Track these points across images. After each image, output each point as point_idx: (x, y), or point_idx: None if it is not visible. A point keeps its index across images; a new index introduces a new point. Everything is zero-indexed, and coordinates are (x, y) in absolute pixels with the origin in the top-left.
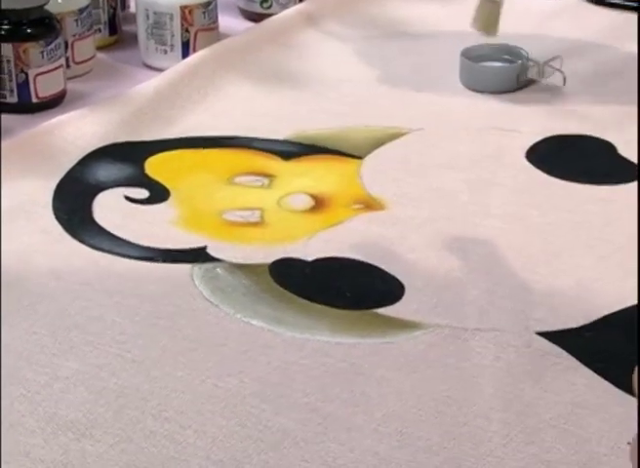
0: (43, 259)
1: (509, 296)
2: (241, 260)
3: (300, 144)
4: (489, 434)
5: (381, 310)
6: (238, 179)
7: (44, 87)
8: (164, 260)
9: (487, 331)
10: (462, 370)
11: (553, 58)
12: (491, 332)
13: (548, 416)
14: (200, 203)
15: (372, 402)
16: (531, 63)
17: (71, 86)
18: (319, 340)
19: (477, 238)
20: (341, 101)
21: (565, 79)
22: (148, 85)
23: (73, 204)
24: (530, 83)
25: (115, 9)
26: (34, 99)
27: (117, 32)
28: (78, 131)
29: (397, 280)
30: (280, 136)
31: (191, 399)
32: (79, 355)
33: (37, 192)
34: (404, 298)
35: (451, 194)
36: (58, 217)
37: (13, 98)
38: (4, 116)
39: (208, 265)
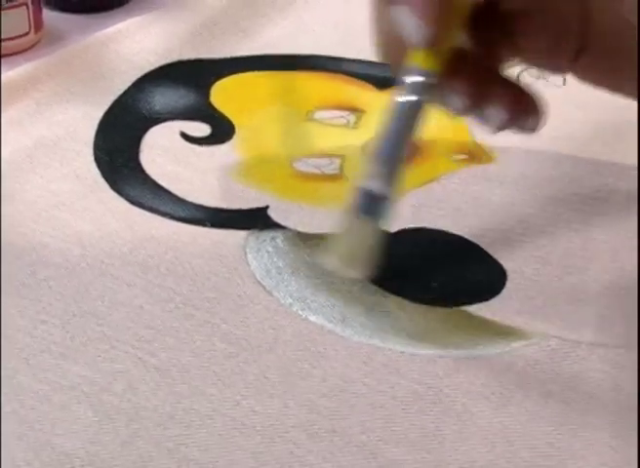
0: (69, 217)
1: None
2: (308, 228)
3: None
4: None
5: (473, 308)
6: (319, 115)
7: None
8: (213, 225)
9: (607, 346)
10: (571, 404)
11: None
12: (611, 350)
13: None
14: (268, 146)
15: (447, 445)
16: None
17: None
18: (390, 350)
19: (603, 209)
20: None
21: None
22: None
23: (118, 141)
24: None
25: None
26: None
27: None
28: (136, 44)
29: (498, 264)
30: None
31: (220, 429)
32: (91, 356)
33: (79, 124)
34: (504, 292)
35: (584, 142)
36: (97, 159)
37: None
38: (60, 16)
39: (266, 234)
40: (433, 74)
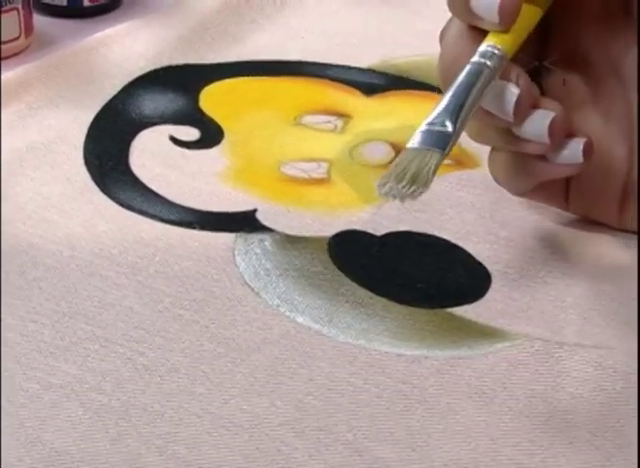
0: (59, 219)
1: (621, 296)
2: (296, 231)
3: (386, 75)
4: None
5: (458, 310)
6: (306, 119)
7: None
8: (202, 227)
9: (589, 347)
10: (553, 404)
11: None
12: (593, 350)
13: None
14: (256, 149)
15: (431, 443)
16: None
17: None
18: (376, 350)
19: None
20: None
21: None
22: None
23: (108, 144)
24: None
25: None
26: (86, 3)
27: None
28: (126, 49)
29: (483, 267)
30: (363, 64)
31: (208, 427)
32: (81, 355)
33: (69, 127)
34: (488, 294)
35: None
36: (87, 162)
37: (61, 1)
38: (50, 20)
39: (255, 236)
40: (504, 51)
